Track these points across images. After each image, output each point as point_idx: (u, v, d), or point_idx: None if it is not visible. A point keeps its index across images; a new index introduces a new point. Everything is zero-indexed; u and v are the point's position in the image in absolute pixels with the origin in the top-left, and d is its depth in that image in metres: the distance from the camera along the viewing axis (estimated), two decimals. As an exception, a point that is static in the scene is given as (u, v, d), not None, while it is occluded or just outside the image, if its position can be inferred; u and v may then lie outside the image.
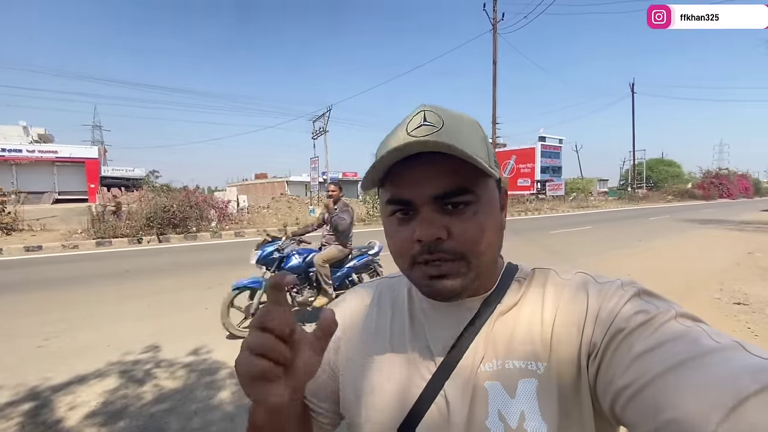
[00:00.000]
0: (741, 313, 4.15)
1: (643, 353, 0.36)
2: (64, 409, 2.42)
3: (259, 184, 40.46)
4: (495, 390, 0.43)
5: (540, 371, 0.43)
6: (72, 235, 10.13)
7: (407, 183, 0.44)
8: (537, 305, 0.47)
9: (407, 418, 0.46)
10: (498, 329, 0.47)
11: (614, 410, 0.38)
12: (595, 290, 0.44)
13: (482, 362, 0.45)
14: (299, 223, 13.75)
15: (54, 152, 23.55)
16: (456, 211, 0.44)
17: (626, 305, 0.41)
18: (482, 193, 0.45)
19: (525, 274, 0.51)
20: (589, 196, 32.05)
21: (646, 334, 0.37)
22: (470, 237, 0.44)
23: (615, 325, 0.40)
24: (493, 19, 18.72)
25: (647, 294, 0.42)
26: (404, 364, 0.49)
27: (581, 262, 6.81)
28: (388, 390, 0.49)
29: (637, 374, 0.35)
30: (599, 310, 0.42)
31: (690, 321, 0.38)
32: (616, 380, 0.37)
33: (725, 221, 14.79)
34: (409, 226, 0.45)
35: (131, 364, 3.01)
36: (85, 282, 5.66)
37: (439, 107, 0.47)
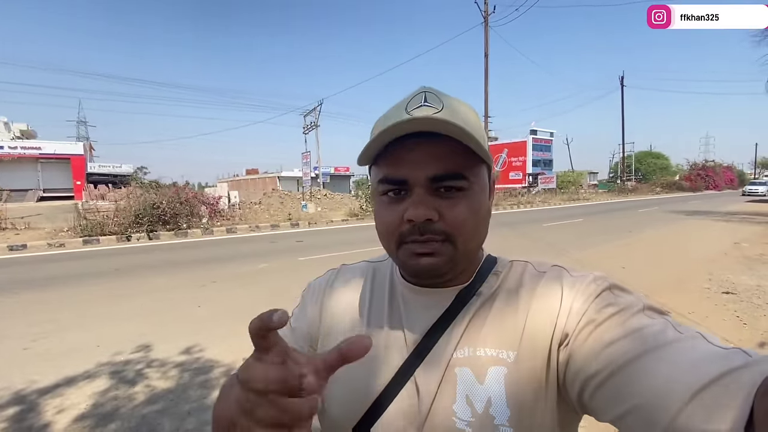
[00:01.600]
0: (729, 302, 4.22)
1: (611, 343, 0.38)
2: (52, 412, 2.35)
3: (250, 180, 40.12)
4: (464, 376, 0.45)
5: (510, 359, 0.44)
6: (58, 234, 9.90)
7: (404, 162, 0.44)
8: (512, 296, 0.48)
9: (376, 400, 0.47)
10: (473, 318, 0.48)
11: (582, 398, 0.40)
12: (569, 283, 0.46)
13: (455, 349, 0.46)
14: (291, 218, 13.65)
15: (38, 149, 23.02)
16: (448, 194, 0.44)
17: (597, 298, 0.43)
18: (475, 180, 0.45)
19: (503, 266, 0.52)
20: (580, 189, 32.34)
21: (615, 325, 0.39)
22: (460, 221, 0.44)
23: (586, 316, 0.41)
24: (485, 11, 18.64)
25: (618, 288, 0.45)
26: (379, 348, 0.50)
27: (574, 254, 6.86)
28: (359, 373, 0.49)
29: (604, 363, 0.37)
30: (572, 302, 0.44)
31: (656, 314, 0.40)
32: (585, 369, 0.39)
33: (712, 212, 15.05)
34: (400, 206, 0.45)
35: (122, 364, 2.95)
36: (72, 281, 5.54)
37: (438, 90, 0.47)
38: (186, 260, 7.17)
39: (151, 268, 6.40)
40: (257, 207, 15.85)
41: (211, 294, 4.81)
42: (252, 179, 40.34)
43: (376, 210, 0.49)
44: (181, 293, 4.87)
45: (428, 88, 0.47)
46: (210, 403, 2.41)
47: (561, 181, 31.79)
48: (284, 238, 9.94)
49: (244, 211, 14.45)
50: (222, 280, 5.50)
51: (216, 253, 7.91)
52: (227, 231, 11.26)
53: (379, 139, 0.43)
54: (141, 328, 3.68)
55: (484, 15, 18.78)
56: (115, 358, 3.06)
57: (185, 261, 7.11)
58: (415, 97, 0.46)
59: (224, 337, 3.40)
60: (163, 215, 10.43)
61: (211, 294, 4.81)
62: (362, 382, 0.49)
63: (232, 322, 3.80)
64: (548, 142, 38.47)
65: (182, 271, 6.13)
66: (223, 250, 8.19)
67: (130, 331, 3.61)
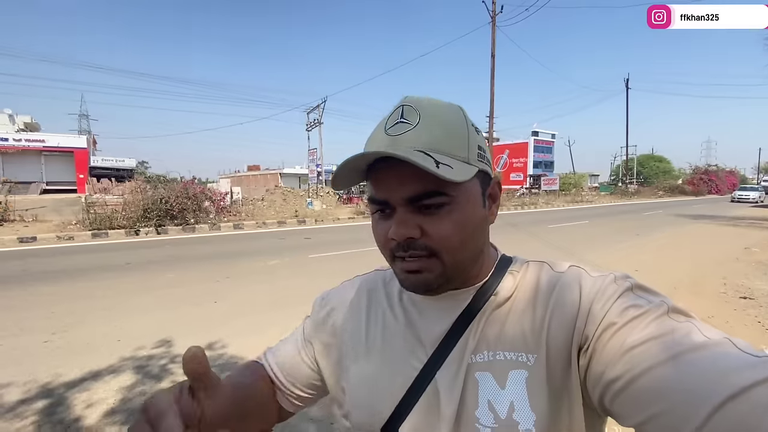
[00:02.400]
0: (749, 308, 4.20)
1: (634, 347, 0.36)
2: (81, 406, 2.34)
3: (251, 176, 40.05)
4: (485, 380, 0.44)
5: (530, 363, 0.44)
6: (66, 227, 9.87)
7: (384, 184, 0.45)
8: (530, 297, 0.47)
9: (398, 407, 0.47)
10: (490, 321, 0.47)
11: (603, 402, 0.39)
12: (588, 284, 0.45)
13: (474, 353, 0.46)
14: (298, 215, 13.63)
15: (41, 141, 22.95)
16: (430, 211, 0.44)
17: (619, 299, 0.41)
18: (457, 193, 0.44)
19: (519, 266, 0.52)
20: (581, 191, 32.33)
21: (639, 328, 0.38)
22: (443, 236, 0.44)
23: (607, 318, 0.40)
24: (492, 11, 18.58)
25: (640, 288, 0.43)
26: (396, 354, 0.50)
27: (584, 256, 6.84)
28: (378, 380, 0.50)
29: (627, 367, 0.36)
30: (592, 303, 0.42)
31: (682, 316, 0.39)
32: (607, 373, 0.38)
33: (718, 216, 15.04)
34: (387, 223, 0.46)
35: (145, 359, 2.93)
36: (85, 274, 5.52)
37: (420, 100, 0.46)
38: (197, 255, 7.16)
39: (162, 263, 6.39)
40: (261, 203, 15.83)
41: (226, 289, 4.80)
42: (254, 175, 40.27)
43: (372, 226, 0.50)
44: (196, 288, 4.86)
45: (408, 100, 0.46)
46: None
47: (562, 183, 31.75)
48: (292, 235, 9.93)
49: (248, 208, 14.43)
50: (235, 276, 5.48)
51: (226, 248, 7.90)
52: (234, 227, 11.25)
53: (344, 168, 0.44)
54: (159, 322, 3.67)
55: (492, 15, 18.73)
56: (137, 352, 3.04)
57: (196, 256, 7.10)
58: (394, 112, 0.46)
59: (245, 332, 3.39)
60: (171, 210, 10.41)
61: (227, 289, 4.80)
62: (382, 389, 0.49)
63: (252, 317, 3.79)
64: (550, 144, 38.43)
65: (194, 266, 6.12)
66: (232, 246, 8.18)
67: (149, 325, 3.59)
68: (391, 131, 0.44)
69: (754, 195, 25.70)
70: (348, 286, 0.61)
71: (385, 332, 0.53)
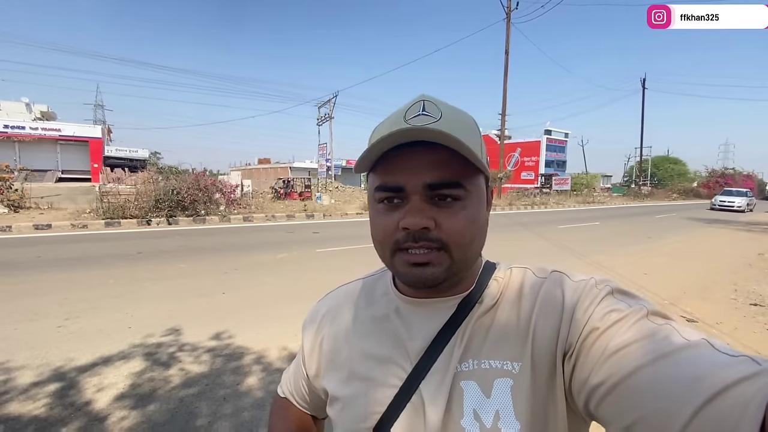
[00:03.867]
0: (758, 315, 4.13)
1: (616, 351, 0.37)
2: (92, 390, 2.41)
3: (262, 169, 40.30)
4: (471, 389, 0.44)
5: (515, 371, 0.44)
6: (81, 215, 10.09)
7: (401, 170, 0.44)
8: (514, 305, 0.47)
9: (382, 417, 0.47)
10: (475, 329, 0.47)
11: (588, 407, 0.39)
12: (570, 289, 0.45)
13: (459, 362, 0.46)
14: (306, 209, 13.71)
15: (57, 130, 23.35)
16: (445, 203, 0.44)
17: (600, 304, 0.42)
18: (473, 189, 0.45)
19: (503, 273, 0.52)
20: (593, 192, 31.90)
21: (620, 332, 0.38)
22: (456, 230, 0.44)
23: (590, 324, 0.41)
24: (507, 7, 18.36)
25: (620, 292, 0.44)
26: (381, 363, 0.50)
27: (593, 258, 6.78)
28: (363, 390, 0.50)
29: (610, 372, 0.36)
30: (575, 309, 0.43)
31: (661, 319, 0.39)
32: (591, 378, 0.38)
33: (732, 221, 14.75)
34: (396, 214, 0.45)
35: (155, 346, 3.00)
36: (98, 262, 5.64)
37: (437, 99, 0.47)
38: (206, 246, 7.26)
39: (172, 253, 6.50)
40: (270, 196, 15.95)
41: (234, 281, 4.87)
42: (264, 169, 40.52)
43: (372, 217, 0.49)
44: (205, 279, 4.94)
45: (427, 96, 0.47)
46: (244, 389, 2.44)
47: (574, 183, 31.33)
48: (300, 229, 10.00)
49: (258, 200, 14.56)
50: (244, 268, 5.55)
51: (235, 240, 7.99)
52: (244, 219, 11.37)
53: (377, 146, 0.43)
54: (169, 311, 3.75)
55: (507, 11, 18.51)
56: (147, 340, 3.11)
57: (206, 247, 7.20)
58: (414, 105, 0.46)
59: (252, 324, 3.44)
60: (182, 201, 10.56)
61: (235, 281, 4.87)
62: (367, 399, 0.49)
63: (259, 309, 3.84)
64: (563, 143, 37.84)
65: (204, 257, 6.21)
66: (242, 238, 8.27)
67: (159, 314, 3.67)
68: (413, 121, 0.44)
69: (740, 201, 19.58)
70: (333, 296, 0.62)
71: (369, 341, 0.53)
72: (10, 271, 5.07)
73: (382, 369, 0.50)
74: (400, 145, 0.43)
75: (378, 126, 0.49)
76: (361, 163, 0.46)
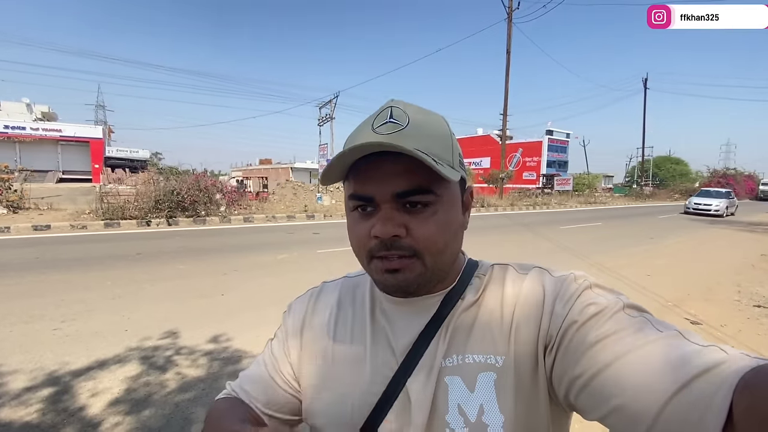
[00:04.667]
0: (762, 317, 4.09)
1: (594, 344, 0.38)
2: (86, 395, 2.37)
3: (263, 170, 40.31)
4: (455, 384, 0.45)
5: (498, 364, 0.44)
6: (80, 216, 10.05)
7: (369, 180, 0.44)
8: (496, 300, 0.48)
9: (370, 416, 0.47)
10: (459, 325, 0.48)
11: (568, 398, 0.40)
12: (550, 285, 0.46)
13: (444, 357, 0.46)
14: (307, 209, 13.68)
15: (58, 131, 23.40)
16: (415, 210, 0.44)
17: (579, 298, 0.43)
18: (443, 194, 0.45)
19: (485, 270, 0.53)
20: (595, 192, 31.83)
21: (597, 325, 0.40)
22: (427, 236, 0.44)
23: (569, 317, 0.42)
24: (509, 7, 18.31)
25: (598, 287, 0.45)
26: (366, 362, 0.50)
27: (595, 259, 6.73)
28: (350, 389, 0.49)
29: (588, 364, 0.38)
30: (554, 303, 0.44)
31: (636, 312, 0.41)
32: (570, 370, 0.39)
33: (734, 222, 14.69)
34: (368, 222, 0.45)
35: (151, 350, 2.96)
36: (97, 263, 5.60)
37: (407, 104, 0.47)
38: (206, 247, 7.23)
39: (172, 254, 6.46)
40: (272, 197, 15.92)
41: (233, 282, 4.83)
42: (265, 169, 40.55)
43: (348, 225, 0.49)
44: (204, 280, 4.90)
45: (396, 102, 0.47)
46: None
47: (576, 183, 31.27)
48: (301, 230, 9.96)
49: (259, 201, 14.52)
50: (243, 269, 5.51)
51: (235, 241, 7.95)
52: (244, 220, 11.33)
53: (338, 161, 0.43)
54: (166, 313, 3.71)
55: (508, 11, 18.46)
56: (143, 343, 3.07)
57: (205, 248, 7.16)
58: (382, 112, 0.46)
59: (250, 326, 3.40)
60: (182, 202, 10.52)
61: (234, 282, 4.83)
62: (353, 397, 0.49)
63: (257, 311, 3.80)
64: (564, 143, 37.80)
65: (203, 258, 6.17)
66: (242, 239, 8.23)
67: (156, 316, 3.63)
68: (379, 130, 0.44)
69: (718, 204, 16.63)
70: (314, 292, 0.61)
71: (354, 339, 0.53)
72: (6, 272, 5.03)
73: (369, 368, 0.49)
74: (370, 154, 0.43)
75: (349, 136, 0.49)
76: (328, 174, 0.46)
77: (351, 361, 0.51)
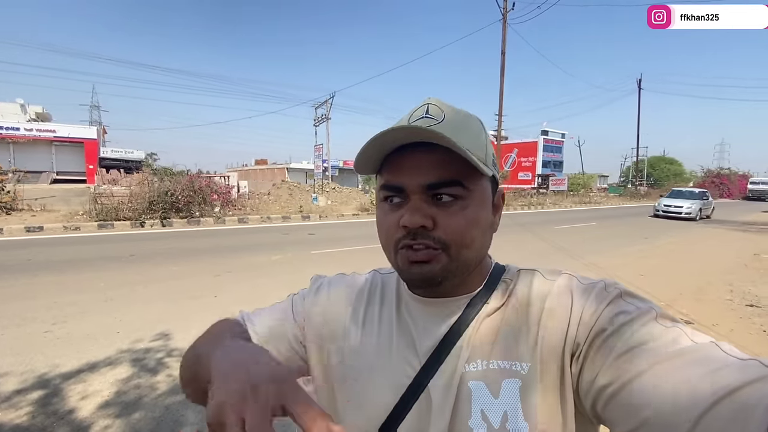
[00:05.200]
0: (754, 316, 4.12)
1: (624, 353, 0.37)
2: (76, 398, 2.35)
3: (259, 170, 40.20)
4: (479, 390, 0.44)
5: (524, 372, 0.44)
6: (74, 217, 9.99)
7: (402, 170, 0.45)
8: (523, 306, 0.47)
9: (390, 415, 0.47)
10: (483, 329, 0.47)
11: (596, 409, 0.39)
12: (579, 292, 0.45)
13: (467, 362, 0.46)
14: (302, 210, 13.65)
15: (52, 131, 23.20)
16: (445, 203, 0.44)
17: (608, 306, 0.42)
18: (474, 189, 0.45)
19: (512, 275, 0.52)
20: (590, 192, 31.98)
21: (628, 334, 0.38)
22: (455, 229, 0.44)
23: (597, 325, 0.41)
24: (504, 8, 18.37)
25: (629, 295, 0.43)
26: (389, 360, 0.50)
27: (589, 259, 6.76)
28: (371, 386, 0.49)
29: (617, 374, 0.36)
30: (583, 311, 0.43)
31: (669, 321, 0.39)
32: (598, 379, 0.38)
33: (727, 221, 14.80)
34: (397, 213, 0.46)
35: (142, 352, 2.95)
36: (90, 265, 5.57)
37: (443, 102, 0.47)
38: (200, 248, 7.20)
39: (165, 255, 6.43)
40: (267, 198, 15.88)
41: (227, 284, 4.82)
42: (261, 170, 40.41)
43: (377, 216, 0.50)
44: (197, 282, 4.88)
45: (433, 100, 0.47)
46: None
47: (571, 183, 31.40)
48: (296, 230, 9.95)
49: (254, 202, 14.48)
50: (237, 270, 5.50)
51: (229, 242, 7.93)
52: (239, 221, 11.30)
53: (372, 145, 0.44)
54: (159, 315, 3.69)
55: (503, 12, 18.52)
56: (135, 345, 3.06)
57: (199, 249, 7.13)
58: (419, 108, 0.47)
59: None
60: (176, 203, 10.48)
61: (227, 284, 4.82)
62: (375, 397, 0.49)
63: (250, 313, 3.79)
64: (559, 144, 37.96)
65: (197, 260, 6.15)
66: (236, 240, 8.21)
67: (149, 318, 3.62)
68: (416, 124, 0.44)
69: (689, 206, 14.89)
70: (346, 279, 0.60)
71: (380, 336, 0.52)
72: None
73: (392, 366, 0.49)
74: (404, 146, 0.44)
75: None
76: (359, 161, 0.46)
77: (374, 358, 0.51)
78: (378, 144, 0.44)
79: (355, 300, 0.57)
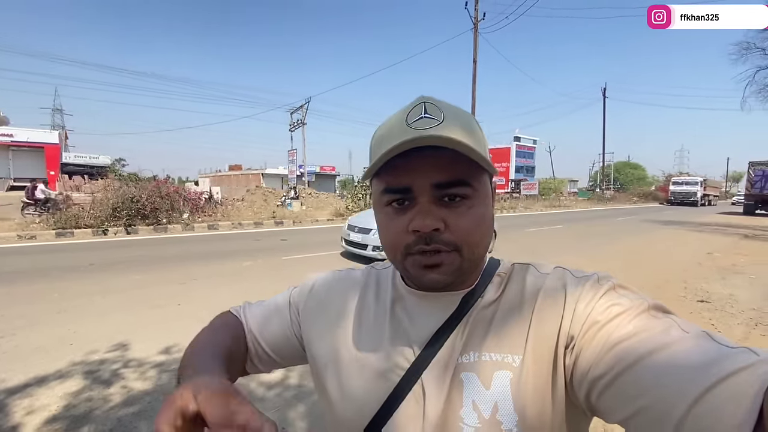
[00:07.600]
0: (704, 311, 4.35)
1: (617, 344, 0.38)
2: (21, 413, 2.23)
3: (233, 176, 39.40)
4: (471, 381, 0.45)
5: (515, 364, 0.44)
6: (29, 225, 9.47)
7: (407, 171, 0.44)
8: (516, 299, 0.48)
9: (383, 405, 0.47)
10: (477, 322, 0.48)
11: (590, 399, 0.39)
12: (572, 284, 0.46)
13: (461, 354, 0.46)
14: (276, 216, 13.45)
15: (9, 136, 22.02)
16: (453, 203, 0.45)
17: (602, 298, 0.43)
18: (479, 187, 0.46)
19: (506, 269, 0.53)
20: (560, 197, 33.02)
21: (621, 325, 0.39)
22: (466, 229, 0.44)
23: (591, 317, 0.41)
24: (474, 18, 18.84)
25: (622, 288, 0.44)
26: (384, 352, 0.50)
27: (553, 259, 6.95)
28: (365, 377, 0.50)
29: (611, 364, 0.37)
30: (576, 303, 0.43)
31: (661, 313, 0.40)
32: (592, 370, 0.39)
33: (686, 222, 15.58)
34: (404, 217, 0.45)
35: (97, 363, 2.82)
36: (43, 275, 5.29)
37: (439, 100, 0.47)
38: (166, 256, 6.96)
39: (128, 264, 6.19)
40: (240, 204, 15.56)
41: (192, 291, 4.68)
42: (235, 175, 39.61)
43: (381, 222, 0.49)
44: (161, 290, 4.72)
45: (427, 98, 0.47)
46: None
47: (542, 187, 32.38)
48: (268, 236, 9.78)
49: (226, 208, 14.16)
50: (203, 277, 5.36)
51: (198, 249, 7.71)
52: (209, 227, 11.01)
53: (385, 157, 0.43)
54: (117, 325, 3.54)
55: (474, 21, 18.98)
56: (89, 357, 2.93)
57: (165, 257, 6.90)
58: (415, 108, 0.46)
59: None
60: (142, 209, 10.10)
61: (193, 291, 4.68)
62: (369, 386, 0.49)
63: (214, 321, 3.69)
64: (531, 149, 39.18)
65: (162, 268, 5.95)
66: (205, 247, 7.99)
67: (106, 328, 3.46)
68: (416, 125, 0.44)
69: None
70: (342, 273, 0.62)
71: (375, 329, 0.53)
72: (-59, 287, 4.67)
73: (386, 358, 0.50)
74: (408, 150, 0.43)
75: (379, 130, 0.49)
76: (369, 173, 0.47)
77: (369, 350, 0.51)
78: (393, 154, 0.43)
79: (350, 294, 0.58)
